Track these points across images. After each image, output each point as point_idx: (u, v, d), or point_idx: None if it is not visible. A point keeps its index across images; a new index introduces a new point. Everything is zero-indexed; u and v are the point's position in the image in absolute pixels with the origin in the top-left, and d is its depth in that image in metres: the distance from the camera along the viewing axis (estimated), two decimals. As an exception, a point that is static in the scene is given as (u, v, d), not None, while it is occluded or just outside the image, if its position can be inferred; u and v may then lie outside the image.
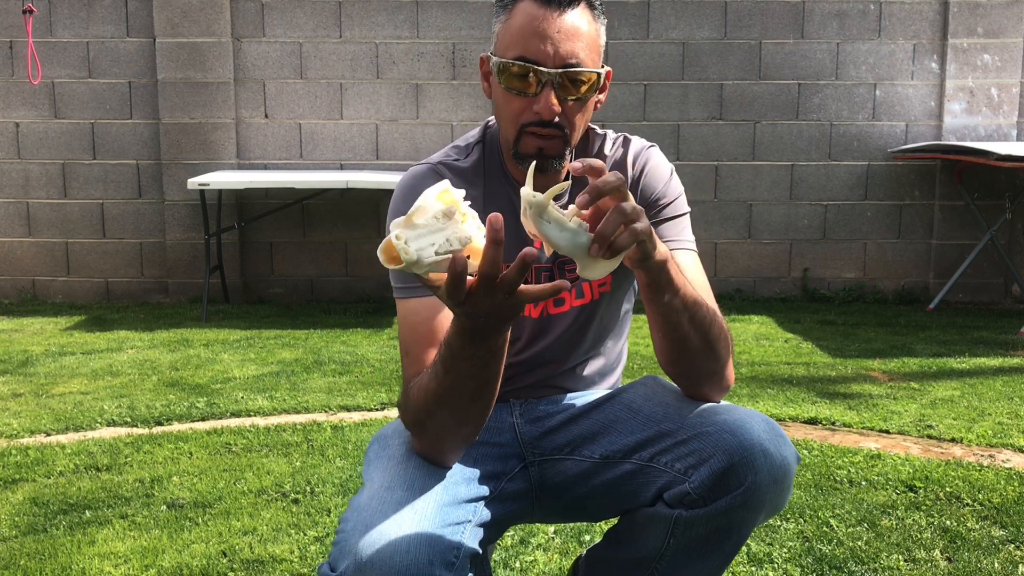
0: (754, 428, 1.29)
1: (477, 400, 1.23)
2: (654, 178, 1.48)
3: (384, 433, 1.44)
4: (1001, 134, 5.42)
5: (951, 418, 3.14)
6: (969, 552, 2.12)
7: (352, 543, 1.16)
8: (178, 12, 5.35)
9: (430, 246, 1.03)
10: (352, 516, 1.20)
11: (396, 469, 1.30)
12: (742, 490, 1.27)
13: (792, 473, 1.32)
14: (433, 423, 1.27)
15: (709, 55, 5.45)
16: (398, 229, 1.03)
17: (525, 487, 1.47)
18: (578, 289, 1.49)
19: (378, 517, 1.19)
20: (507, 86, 1.35)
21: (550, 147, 1.37)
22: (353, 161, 5.53)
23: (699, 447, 1.31)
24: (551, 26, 1.31)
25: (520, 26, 1.33)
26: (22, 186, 5.54)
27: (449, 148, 1.52)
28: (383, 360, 4.02)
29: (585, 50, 1.34)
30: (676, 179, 1.50)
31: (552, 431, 1.49)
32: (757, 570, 2.04)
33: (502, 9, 1.37)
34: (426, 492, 1.26)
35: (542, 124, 1.34)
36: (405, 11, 5.43)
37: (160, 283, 5.62)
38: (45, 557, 2.14)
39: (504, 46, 1.35)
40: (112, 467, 2.74)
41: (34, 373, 3.88)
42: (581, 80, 1.34)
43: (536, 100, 1.33)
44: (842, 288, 5.60)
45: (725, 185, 5.53)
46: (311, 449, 2.87)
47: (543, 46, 1.31)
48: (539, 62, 1.32)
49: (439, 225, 1.04)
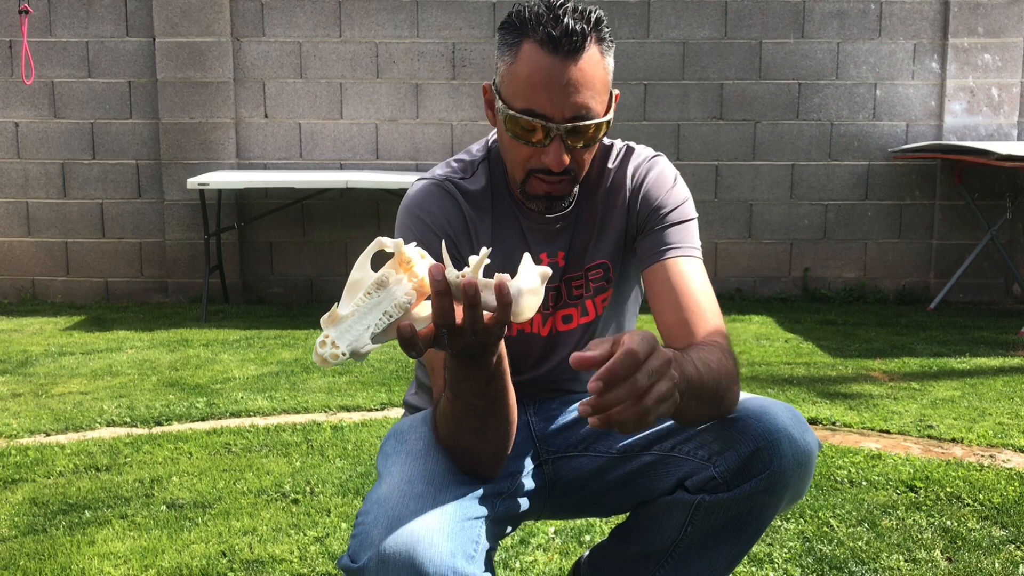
0: (779, 414, 1.31)
1: (491, 417, 1.24)
2: (655, 187, 1.46)
3: (400, 428, 1.45)
4: (1002, 134, 5.41)
5: (952, 418, 3.14)
6: (970, 552, 2.12)
7: (374, 535, 1.16)
8: (178, 12, 5.35)
9: (365, 331, 1.02)
10: (372, 509, 1.20)
11: (415, 464, 1.30)
12: (767, 474, 1.29)
13: (815, 459, 1.33)
14: (459, 444, 1.29)
15: (709, 55, 5.44)
16: (326, 329, 1.02)
17: (539, 484, 1.47)
18: (582, 307, 1.49)
19: (399, 510, 1.19)
20: (514, 134, 1.33)
21: (559, 190, 1.37)
22: (353, 161, 5.53)
23: (723, 434, 1.32)
24: (560, 78, 1.28)
25: (527, 76, 1.29)
26: (21, 186, 5.54)
27: (453, 161, 1.50)
28: (383, 360, 4.02)
29: (595, 97, 1.31)
30: (680, 186, 1.48)
31: (566, 428, 1.50)
32: (757, 570, 2.04)
33: (507, 48, 1.32)
34: (446, 487, 1.26)
35: (550, 172, 1.33)
36: (405, 11, 5.42)
37: (160, 283, 5.62)
38: (45, 557, 2.14)
39: (510, 93, 1.32)
40: (112, 467, 2.73)
41: (33, 373, 3.88)
42: (589, 130, 1.32)
43: (545, 151, 1.31)
44: (842, 288, 5.59)
45: (725, 185, 5.53)
46: (311, 449, 2.87)
47: (552, 99, 1.28)
48: (548, 116, 1.29)
49: (372, 302, 1.02)
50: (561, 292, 1.48)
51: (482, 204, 1.45)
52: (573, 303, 1.49)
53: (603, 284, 1.49)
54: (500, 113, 1.34)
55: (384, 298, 1.03)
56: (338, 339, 1.01)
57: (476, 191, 1.45)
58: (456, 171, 1.47)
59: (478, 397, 1.21)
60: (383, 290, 1.03)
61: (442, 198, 1.43)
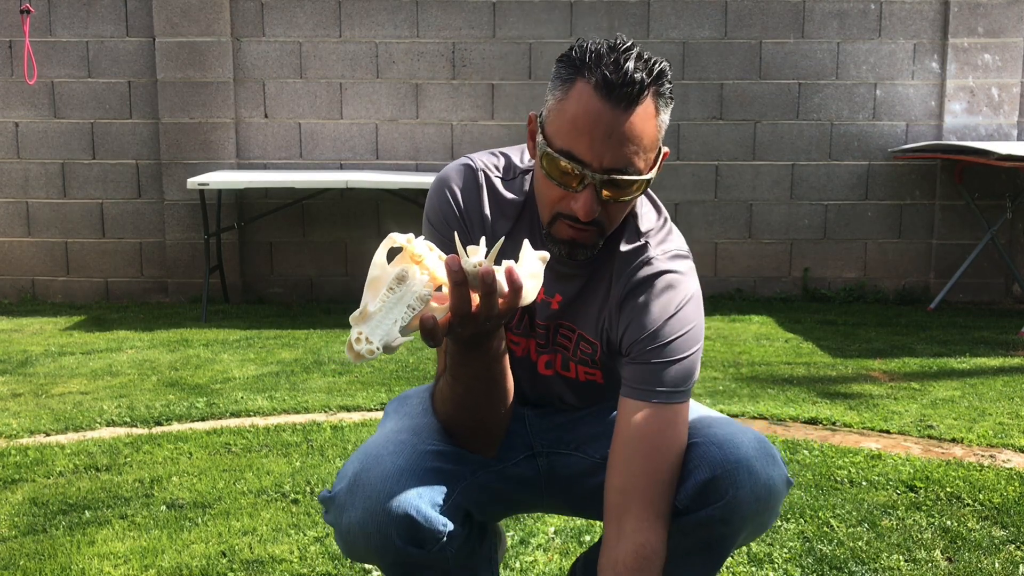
0: (743, 445, 1.28)
1: (490, 398, 1.28)
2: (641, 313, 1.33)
3: (406, 394, 1.51)
4: (1002, 134, 5.41)
5: (952, 418, 3.14)
6: (970, 552, 2.12)
7: (348, 468, 1.24)
8: (178, 12, 5.35)
9: (393, 324, 1.07)
10: (358, 451, 1.28)
11: (407, 420, 1.36)
12: (722, 504, 1.27)
13: (778, 495, 1.30)
14: (457, 424, 1.33)
15: (709, 55, 5.44)
16: (357, 327, 1.06)
17: (532, 475, 1.49)
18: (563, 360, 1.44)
19: (378, 449, 1.26)
20: (549, 174, 1.25)
21: (583, 239, 1.29)
22: (353, 161, 5.53)
23: (688, 457, 1.31)
24: (607, 127, 1.19)
25: (574, 117, 1.20)
26: (22, 186, 5.54)
27: (500, 155, 1.44)
28: (383, 360, 4.02)
29: (640, 153, 1.22)
30: (680, 318, 1.33)
31: (561, 427, 1.51)
32: (757, 570, 2.04)
33: (560, 83, 1.24)
34: (430, 440, 1.31)
35: (578, 220, 1.26)
36: (405, 11, 5.42)
37: (160, 283, 5.62)
38: (45, 557, 2.14)
39: (554, 130, 1.24)
40: (112, 467, 2.73)
41: (34, 373, 3.88)
42: (628, 187, 1.24)
43: (575, 198, 1.23)
44: (842, 288, 5.59)
45: (725, 185, 5.53)
46: (311, 449, 2.87)
47: (594, 146, 1.20)
48: (586, 163, 1.21)
49: (396, 296, 1.07)
50: (548, 335, 1.43)
51: (508, 213, 1.40)
52: (557, 349, 1.44)
53: (588, 361, 1.43)
54: (539, 148, 1.26)
55: (405, 292, 1.07)
56: (371, 335, 1.06)
57: (508, 200, 1.40)
58: (499, 169, 1.42)
59: (478, 379, 1.25)
60: (403, 284, 1.07)
61: (471, 184, 1.40)
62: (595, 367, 1.43)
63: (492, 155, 1.43)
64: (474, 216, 1.39)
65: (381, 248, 1.08)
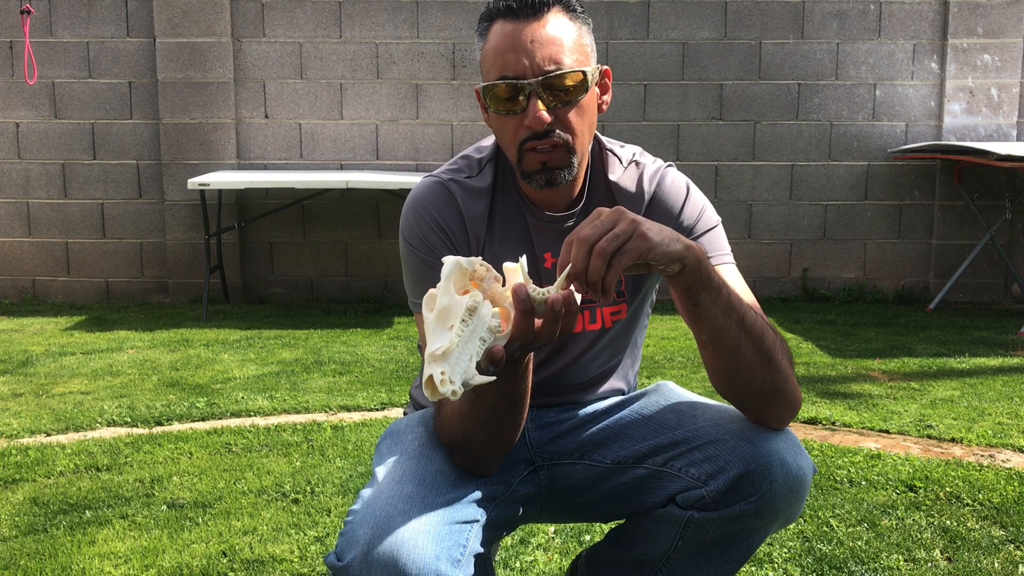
0: (771, 436, 1.30)
1: (510, 415, 1.25)
2: (672, 197, 1.43)
3: (397, 428, 1.45)
4: (1001, 134, 5.42)
5: (951, 418, 3.14)
6: (969, 552, 2.12)
7: (360, 534, 1.16)
8: (178, 12, 5.36)
9: (469, 360, 1.04)
10: (361, 508, 1.20)
11: (408, 464, 1.30)
12: (756, 498, 1.28)
13: (808, 484, 1.32)
14: (470, 442, 1.30)
15: (709, 55, 5.45)
16: (436, 366, 1.03)
17: (535, 490, 1.48)
18: (591, 313, 1.46)
19: (387, 509, 1.19)
20: (495, 108, 1.33)
21: (553, 159, 1.33)
22: (353, 161, 5.53)
23: (715, 453, 1.31)
24: (524, 37, 1.29)
25: (495, 46, 1.31)
26: (22, 186, 5.54)
27: (460, 159, 1.48)
28: (383, 360, 4.02)
29: (565, 52, 1.30)
30: (695, 195, 1.45)
31: (561, 436, 1.49)
32: (757, 570, 2.04)
33: (480, 36, 1.36)
34: (437, 489, 1.26)
35: (538, 137, 1.31)
36: (405, 11, 5.43)
37: (160, 283, 5.62)
38: (45, 557, 2.14)
39: (486, 70, 1.34)
40: (112, 467, 2.74)
41: (34, 373, 3.88)
42: (565, 83, 1.30)
43: (526, 115, 1.30)
44: (842, 288, 5.60)
45: (725, 185, 5.53)
46: (311, 449, 2.87)
47: (519, 59, 1.29)
48: (518, 75, 1.29)
49: (469, 331, 1.05)
50: None
51: (484, 201, 1.43)
52: (582, 308, 1.45)
53: (614, 297, 1.45)
54: (482, 94, 1.34)
55: (477, 325, 1.05)
56: (452, 375, 1.03)
57: (481, 188, 1.43)
58: (462, 169, 1.46)
59: (502, 397, 1.22)
60: (474, 316, 1.05)
61: (441, 198, 1.42)
62: (620, 300, 1.47)
63: (452, 164, 1.48)
64: (454, 227, 1.41)
65: (447, 275, 1.05)
